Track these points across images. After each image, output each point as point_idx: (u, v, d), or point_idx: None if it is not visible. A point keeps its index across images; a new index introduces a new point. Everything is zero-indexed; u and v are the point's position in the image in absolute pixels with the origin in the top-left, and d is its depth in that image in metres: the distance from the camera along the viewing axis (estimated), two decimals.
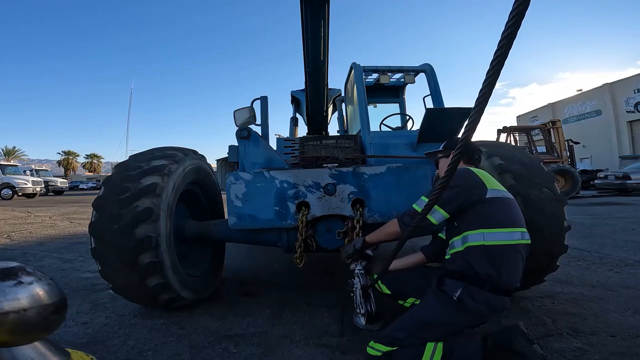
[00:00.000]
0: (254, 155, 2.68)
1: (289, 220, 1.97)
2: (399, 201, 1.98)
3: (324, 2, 2.04)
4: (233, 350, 1.62)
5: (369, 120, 3.14)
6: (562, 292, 2.35)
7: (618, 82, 25.39)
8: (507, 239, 1.47)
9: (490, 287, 1.43)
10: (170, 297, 1.96)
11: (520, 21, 0.77)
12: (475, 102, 0.91)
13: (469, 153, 1.74)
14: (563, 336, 1.68)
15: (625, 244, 3.88)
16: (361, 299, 1.70)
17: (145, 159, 2.03)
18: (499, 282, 1.43)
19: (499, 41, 0.80)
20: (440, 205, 1.48)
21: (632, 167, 13.20)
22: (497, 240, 1.46)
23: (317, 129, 4.10)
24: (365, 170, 2.00)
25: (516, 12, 0.78)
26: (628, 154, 21.71)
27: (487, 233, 1.47)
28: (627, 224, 5.30)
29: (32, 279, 0.77)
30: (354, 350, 1.59)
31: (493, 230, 1.47)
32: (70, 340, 1.74)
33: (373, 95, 4.34)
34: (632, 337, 1.65)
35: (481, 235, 1.47)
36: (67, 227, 6.40)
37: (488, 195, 1.51)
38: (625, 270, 2.81)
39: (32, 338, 0.80)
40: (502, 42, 0.80)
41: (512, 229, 1.50)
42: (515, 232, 1.50)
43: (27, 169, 21.18)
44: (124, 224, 1.79)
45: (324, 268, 3.13)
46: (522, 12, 0.77)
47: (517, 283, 1.49)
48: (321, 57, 2.51)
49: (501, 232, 1.47)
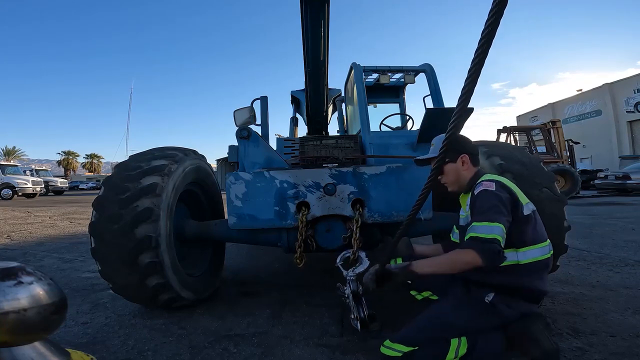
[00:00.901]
0: (254, 155, 2.68)
1: (289, 220, 1.97)
2: (399, 201, 1.98)
3: (324, 2, 2.04)
4: (233, 350, 1.62)
5: (369, 120, 3.14)
6: (562, 292, 2.35)
7: (618, 82, 25.38)
8: (540, 254, 1.47)
9: (523, 297, 1.43)
10: (170, 297, 1.96)
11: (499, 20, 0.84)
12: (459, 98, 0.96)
13: (473, 153, 1.68)
14: (563, 336, 1.68)
15: (625, 244, 3.88)
16: (353, 304, 1.70)
17: (145, 159, 2.03)
18: (532, 293, 1.44)
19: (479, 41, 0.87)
20: (498, 221, 1.37)
21: (632, 167, 13.20)
22: (531, 258, 1.45)
23: (317, 129, 4.10)
24: (365, 170, 2.00)
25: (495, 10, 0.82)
26: (628, 154, 21.70)
27: (521, 252, 1.45)
28: (627, 224, 5.28)
29: (32, 279, 0.77)
30: (354, 350, 1.59)
31: (527, 249, 1.46)
32: (70, 340, 1.74)
33: (373, 95, 4.34)
34: (632, 337, 1.65)
35: (514, 254, 1.45)
36: (67, 227, 6.40)
37: (525, 213, 1.47)
38: (625, 270, 2.81)
39: (32, 338, 0.80)
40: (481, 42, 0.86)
41: (544, 244, 1.50)
42: (546, 246, 1.50)
43: (27, 169, 21.18)
44: (124, 224, 1.79)
45: (324, 268, 3.13)
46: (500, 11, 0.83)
47: (547, 291, 1.49)
48: (321, 57, 2.51)
49: (535, 249, 1.46)
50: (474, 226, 1.39)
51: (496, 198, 1.43)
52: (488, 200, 1.44)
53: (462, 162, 1.66)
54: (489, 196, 1.45)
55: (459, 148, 1.65)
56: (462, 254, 1.36)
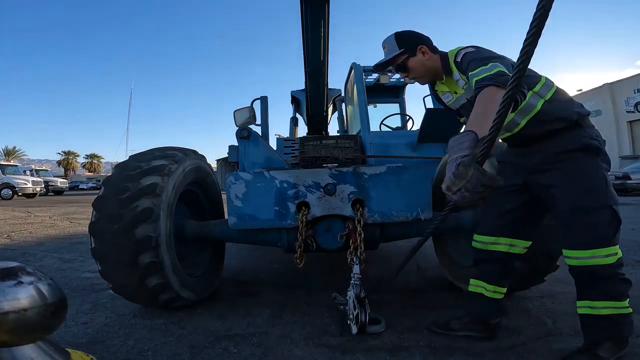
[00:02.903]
0: (254, 155, 2.69)
1: (289, 220, 1.97)
2: (399, 201, 1.98)
3: (324, 2, 2.04)
4: (233, 350, 1.62)
5: (369, 120, 3.15)
6: (562, 292, 2.35)
7: (618, 82, 25.39)
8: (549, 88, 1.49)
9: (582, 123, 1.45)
10: (170, 297, 1.96)
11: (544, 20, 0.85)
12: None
13: (429, 43, 1.70)
14: (563, 336, 1.68)
15: (626, 244, 3.87)
16: (355, 307, 1.69)
17: (145, 159, 2.03)
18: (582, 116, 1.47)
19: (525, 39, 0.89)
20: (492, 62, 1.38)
21: (632, 167, 13.21)
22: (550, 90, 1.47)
23: (317, 129, 4.10)
24: (365, 170, 2.01)
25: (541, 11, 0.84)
26: (628, 154, 21.70)
27: (536, 92, 1.45)
28: (627, 224, 5.30)
29: (32, 279, 0.77)
30: (354, 350, 1.59)
31: (538, 87, 1.46)
32: (70, 340, 1.74)
33: (373, 95, 4.34)
34: (632, 337, 1.65)
35: (535, 96, 1.45)
36: (67, 227, 6.40)
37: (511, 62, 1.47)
38: (626, 270, 2.80)
39: (32, 338, 0.80)
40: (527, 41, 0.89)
41: (543, 81, 1.51)
42: (546, 81, 1.52)
43: (27, 169, 21.20)
44: (124, 224, 1.79)
45: (324, 268, 3.13)
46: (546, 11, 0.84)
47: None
48: (321, 57, 2.52)
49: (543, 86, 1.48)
50: (472, 74, 1.38)
51: (484, 51, 1.46)
52: (473, 54, 1.45)
53: (423, 53, 1.67)
54: (472, 53, 1.47)
55: (414, 41, 1.68)
56: (490, 94, 1.25)
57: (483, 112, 1.23)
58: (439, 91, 1.81)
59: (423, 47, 1.67)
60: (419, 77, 1.75)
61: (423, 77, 1.74)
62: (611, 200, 1.42)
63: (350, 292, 1.74)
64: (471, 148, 1.12)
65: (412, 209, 1.98)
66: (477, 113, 1.26)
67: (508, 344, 1.60)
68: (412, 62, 1.68)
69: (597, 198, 1.40)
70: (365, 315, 1.68)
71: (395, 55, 1.69)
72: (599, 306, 1.39)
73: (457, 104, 1.74)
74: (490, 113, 1.13)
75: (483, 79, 1.31)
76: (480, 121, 1.21)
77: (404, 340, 1.67)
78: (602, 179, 1.42)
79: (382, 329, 1.73)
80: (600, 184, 1.41)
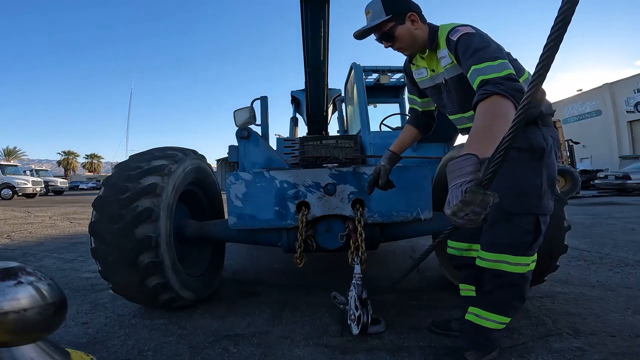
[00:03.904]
0: (254, 155, 2.69)
1: (289, 220, 1.97)
2: (399, 201, 1.98)
3: (324, 2, 2.04)
4: (233, 350, 1.62)
5: (369, 120, 3.15)
6: (562, 292, 2.35)
7: (618, 82, 25.41)
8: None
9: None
10: (170, 297, 1.96)
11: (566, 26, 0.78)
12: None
13: (418, 11, 1.56)
14: (563, 336, 1.68)
15: (625, 244, 3.87)
16: (357, 307, 1.69)
17: (145, 159, 2.03)
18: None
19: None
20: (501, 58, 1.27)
21: (632, 167, 13.21)
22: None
23: (317, 129, 4.10)
24: (365, 170, 2.01)
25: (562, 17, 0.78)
26: (628, 154, 21.72)
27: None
28: (627, 224, 5.28)
29: (32, 279, 0.77)
30: (354, 350, 1.59)
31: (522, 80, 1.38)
32: (70, 340, 1.74)
33: (373, 95, 4.35)
34: (632, 337, 1.65)
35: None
36: (67, 227, 6.40)
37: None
38: (625, 270, 2.81)
39: (32, 338, 0.80)
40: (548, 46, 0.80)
41: (526, 74, 1.47)
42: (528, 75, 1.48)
43: (27, 169, 21.20)
44: (124, 224, 1.79)
45: (324, 268, 3.13)
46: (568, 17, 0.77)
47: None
48: (321, 57, 2.52)
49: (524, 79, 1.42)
50: (476, 69, 1.24)
51: (486, 37, 1.32)
52: (477, 41, 1.30)
53: (412, 21, 1.52)
54: (475, 37, 1.32)
55: (403, 8, 1.50)
56: (497, 107, 1.15)
57: (488, 128, 1.13)
58: (415, 65, 1.68)
59: (413, 15, 1.51)
60: (405, 49, 1.58)
61: (408, 48, 1.57)
62: (539, 209, 1.37)
63: (352, 292, 1.74)
64: (475, 173, 1.04)
65: (412, 209, 1.98)
66: (481, 127, 1.15)
67: (508, 344, 1.60)
68: (400, 31, 1.50)
69: (522, 204, 1.36)
70: (368, 316, 1.67)
71: (382, 22, 1.51)
72: (485, 317, 1.41)
73: (431, 82, 1.61)
74: (496, 130, 1.08)
75: (489, 82, 1.20)
76: (484, 138, 1.11)
77: (404, 340, 1.67)
78: (537, 186, 1.37)
79: (382, 329, 1.73)
80: (533, 191, 1.36)
